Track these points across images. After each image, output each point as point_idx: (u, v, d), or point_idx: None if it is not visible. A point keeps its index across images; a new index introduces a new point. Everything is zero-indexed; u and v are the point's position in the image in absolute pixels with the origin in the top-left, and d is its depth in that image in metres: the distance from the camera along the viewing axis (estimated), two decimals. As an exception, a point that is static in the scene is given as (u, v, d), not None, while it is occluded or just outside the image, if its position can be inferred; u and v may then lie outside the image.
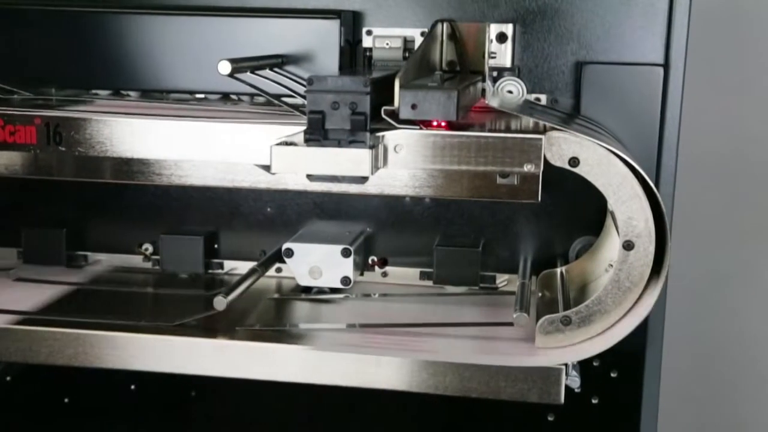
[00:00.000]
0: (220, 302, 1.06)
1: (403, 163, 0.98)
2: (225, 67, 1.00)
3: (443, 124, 0.97)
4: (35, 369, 1.12)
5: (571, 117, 1.16)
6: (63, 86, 1.25)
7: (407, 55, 1.21)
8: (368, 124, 0.93)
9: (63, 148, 1.04)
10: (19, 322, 1.09)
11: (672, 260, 0.99)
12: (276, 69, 1.15)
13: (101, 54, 1.22)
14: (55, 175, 1.31)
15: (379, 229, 1.29)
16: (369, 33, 1.22)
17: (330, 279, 1.22)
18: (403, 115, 0.92)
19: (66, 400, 1.41)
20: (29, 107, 1.08)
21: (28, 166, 1.31)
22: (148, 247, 1.34)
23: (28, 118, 1.04)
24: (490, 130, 0.98)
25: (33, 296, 1.19)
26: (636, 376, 1.25)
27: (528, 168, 0.95)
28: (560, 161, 0.97)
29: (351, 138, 0.94)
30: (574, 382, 1.01)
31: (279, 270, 1.29)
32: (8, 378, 1.39)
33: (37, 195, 1.34)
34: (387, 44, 1.21)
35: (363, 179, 0.96)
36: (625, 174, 0.97)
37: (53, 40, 1.22)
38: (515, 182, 1.18)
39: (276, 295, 1.24)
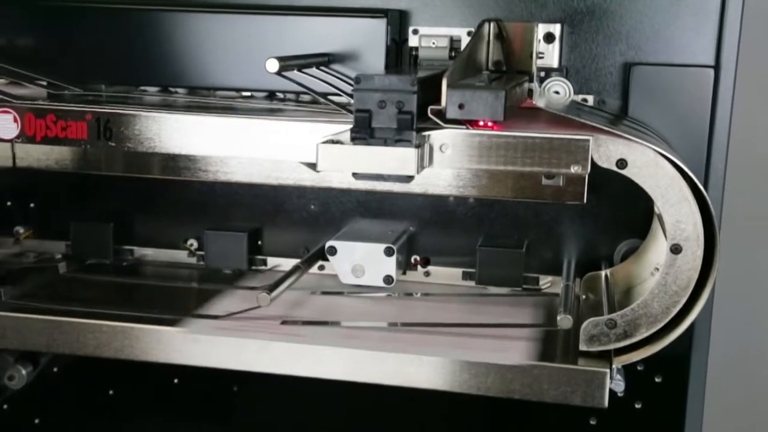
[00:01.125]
0: (264, 298, 1.06)
1: (448, 162, 0.97)
2: (273, 65, 1.01)
3: (489, 124, 0.97)
4: (82, 361, 1.14)
5: (619, 118, 1.15)
6: (112, 83, 1.26)
7: (453, 54, 1.21)
8: (414, 123, 0.93)
9: (113, 144, 1.06)
10: (67, 315, 1.11)
11: (719, 263, 0.98)
12: (322, 67, 1.15)
13: (150, 51, 1.24)
14: (103, 170, 1.33)
15: (422, 228, 1.29)
16: (415, 32, 1.22)
17: (373, 277, 1.22)
18: (449, 115, 0.92)
19: (111, 392, 1.44)
20: (80, 103, 1.09)
21: (78, 160, 1.34)
22: (192, 243, 1.35)
23: (79, 113, 1.06)
24: (536, 131, 0.97)
25: (82, 289, 1.21)
26: (681, 382, 1.23)
27: (575, 169, 0.95)
28: (607, 163, 0.96)
29: (397, 137, 0.94)
30: (619, 386, 1.00)
31: (321, 267, 1.29)
32: (55, 369, 1.41)
33: (86, 189, 1.36)
34: (433, 43, 1.21)
35: (408, 178, 0.95)
36: (673, 176, 0.95)
37: (103, 37, 1.24)
38: (560, 183, 1.17)
39: (318, 292, 1.24)
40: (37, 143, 1.06)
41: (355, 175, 0.99)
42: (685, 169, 0.95)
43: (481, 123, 0.96)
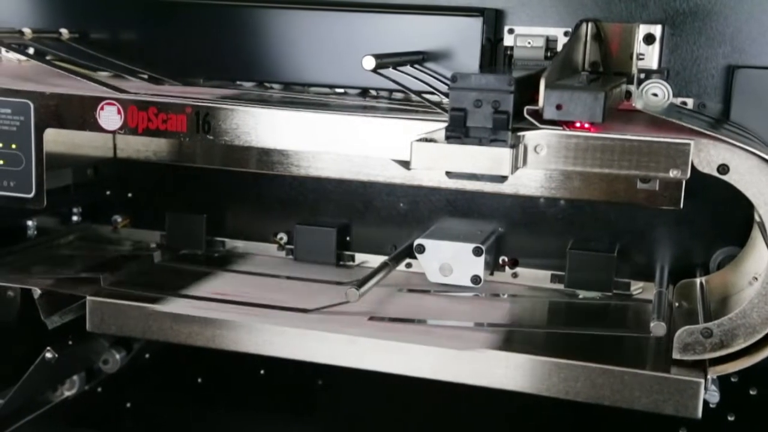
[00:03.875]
0: (353, 294, 1.07)
1: (542, 163, 0.96)
2: (369, 63, 1.02)
3: (586, 125, 0.95)
4: (173, 348, 1.16)
5: (720, 122, 1.12)
6: (210, 77, 1.29)
7: (549, 54, 1.19)
8: (510, 123, 0.93)
9: (210, 137, 1.08)
10: (161, 303, 1.14)
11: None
12: (416, 65, 1.15)
13: (247, 47, 1.26)
14: (198, 162, 1.37)
15: (511, 229, 1.28)
16: (511, 31, 1.21)
17: (460, 277, 1.22)
18: (547, 115, 0.91)
19: (199, 380, 1.47)
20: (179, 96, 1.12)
21: (175, 153, 1.38)
22: (282, 237, 1.37)
23: (179, 106, 1.08)
24: (634, 134, 0.95)
25: (175, 278, 1.24)
26: (776, 395, 1.19)
27: (674, 174, 0.92)
28: (708, 168, 0.94)
29: (492, 137, 0.93)
30: (713, 397, 0.98)
31: (409, 265, 1.30)
32: (147, 356, 1.45)
33: (181, 181, 1.39)
34: (529, 43, 1.20)
35: (502, 178, 0.95)
36: (777, 183, 0.92)
37: (202, 32, 1.27)
38: (656, 187, 1.15)
39: (405, 290, 1.24)
40: (139, 135, 1.09)
41: (448, 174, 0.98)
42: (791, 176, 0.92)
43: (578, 124, 0.95)
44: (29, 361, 1.21)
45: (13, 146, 1.14)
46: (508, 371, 1.02)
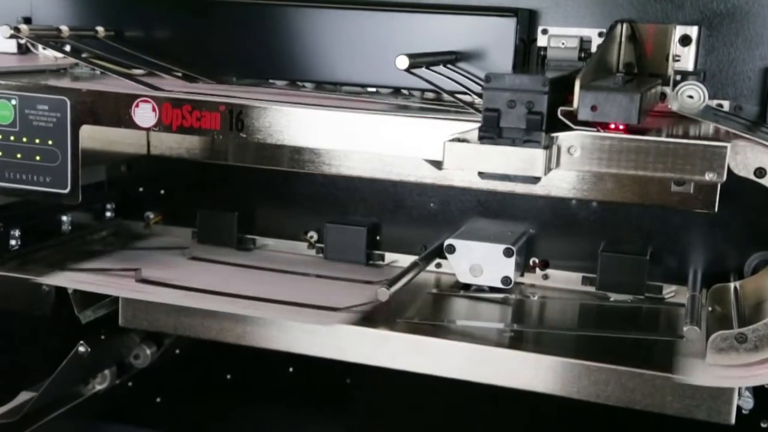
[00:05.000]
0: (383, 293, 1.07)
1: (576, 165, 0.96)
2: (403, 62, 1.02)
3: (621, 127, 0.94)
4: (202, 344, 1.17)
5: (757, 125, 1.11)
6: (242, 75, 1.30)
7: (582, 55, 1.19)
8: (544, 123, 0.92)
9: (243, 135, 1.09)
10: (192, 300, 1.15)
11: None
12: (449, 65, 1.15)
13: (279, 45, 1.27)
14: (230, 160, 1.38)
15: (542, 230, 1.28)
16: (544, 32, 1.21)
17: (490, 278, 1.21)
18: (581, 117, 0.91)
19: (228, 376, 1.48)
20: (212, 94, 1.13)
21: (207, 150, 1.39)
22: (313, 235, 1.38)
23: (213, 104, 1.09)
24: (669, 136, 0.95)
25: (206, 275, 1.25)
26: (811, 403, 1.18)
27: (710, 177, 0.91)
28: (745, 171, 0.93)
29: (525, 137, 0.93)
30: (747, 403, 0.97)
31: (439, 265, 1.29)
32: (177, 351, 1.46)
33: (213, 178, 1.40)
34: (562, 44, 1.19)
35: (535, 179, 0.94)
36: (816, 188, 0.91)
37: (235, 30, 1.28)
38: (690, 190, 1.14)
39: (435, 290, 1.24)
40: (173, 132, 1.10)
41: (481, 174, 0.98)
42: (830, 180, 0.90)
43: (612, 126, 0.94)
44: (62, 354, 1.22)
45: (50, 142, 1.15)
46: (538, 373, 1.02)
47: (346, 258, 1.33)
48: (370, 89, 1.26)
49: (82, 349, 1.22)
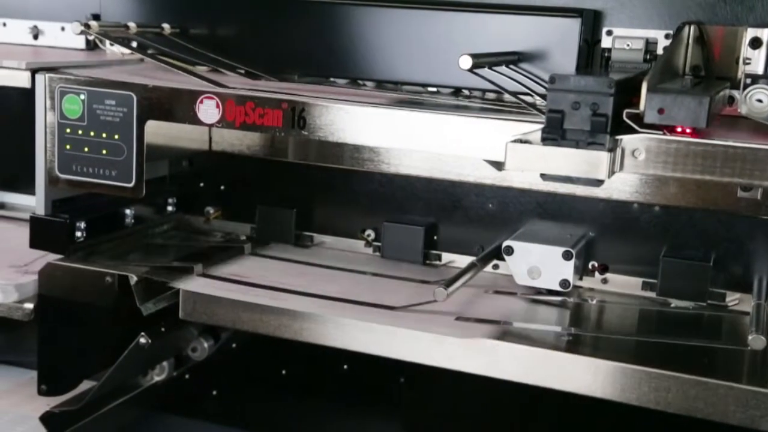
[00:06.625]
0: (441, 293, 1.07)
1: (640, 168, 0.94)
2: (466, 62, 1.01)
3: (688, 130, 0.93)
4: (258, 339, 1.18)
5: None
6: (304, 73, 1.31)
7: (648, 57, 1.17)
8: (609, 126, 0.91)
9: (305, 133, 1.10)
10: (251, 295, 1.16)
11: None
12: (511, 66, 1.15)
13: (341, 44, 1.27)
14: (291, 157, 1.39)
15: (602, 233, 1.26)
16: (609, 33, 1.19)
17: (548, 280, 1.20)
18: (648, 119, 0.89)
19: (283, 371, 1.49)
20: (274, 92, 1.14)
21: (267, 147, 1.40)
22: (370, 233, 1.38)
23: (276, 102, 1.10)
24: (738, 140, 0.93)
25: (264, 271, 1.26)
26: None
27: (779, 182, 0.89)
28: (815, 177, 0.91)
29: (590, 139, 0.92)
30: (813, 415, 0.94)
31: (496, 267, 1.29)
32: (233, 345, 1.48)
33: (272, 175, 1.41)
34: (627, 45, 1.18)
35: (598, 182, 0.93)
36: None
37: (298, 28, 1.29)
38: (757, 196, 1.12)
39: (492, 292, 1.24)
40: (236, 129, 1.11)
41: (543, 176, 0.98)
42: None
43: (679, 129, 0.93)
44: (124, 345, 1.24)
45: (116, 137, 1.18)
46: (597, 378, 1.00)
47: (403, 257, 1.33)
48: (430, 89, 1.26)
49: (143, 340, 1.24)
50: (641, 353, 1.05)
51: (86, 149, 1.19)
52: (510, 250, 1.21)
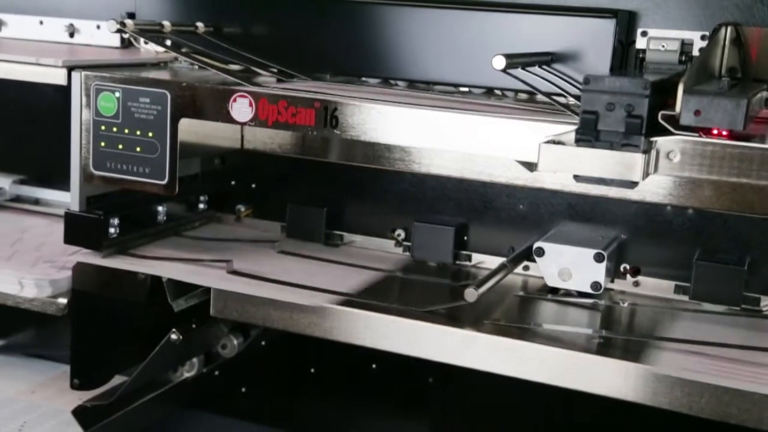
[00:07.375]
0: (471, 294, 1.06)
1: (675, 170, 0.94)
2: (499, 62, 1.01)
3: (724, 133, 0.92)
4: (288, 337, 1.19)
5: None
6: (336, 73, 1.31)
7: (683, 58, 1.16)
8: (644, 127, 0.90)
9: (337, 132, 1.10)
10: (282, 293, 1.16)
11: None
12: (544, 66, 1.14)
13: (373, 43, 1.27)
14: (322, 156, 1.39)
15: (635, 236, 1.25)
16: (644, 34, 1.18)
17: (580, 282, 1.19)
18: (683, 121, 0.88)
19: (312, 370, 1.50)
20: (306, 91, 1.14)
21: (299, 146, 1.41)
22: (400, 233, 1.38)
23: (308, 101, 1.10)
24: (774, 143, 0.92)
25: (295, 269, 1.26)
26: None
27: (817, 186, 0.88)
28: None
29: (624, 141, 0.91)
30: None
31: (527, 268, 1.28)
32: (263, 343, 1.49)
33: (304, 174, 1.42)
34: (662, 46, 1.17)
35: (632, 184, 0.93)
36: None
37: (330, 28, 1.29)
38: (794, 200, 1.10)
39: (522, 293, 1.23)
40: (269, 127, 1.12)
41: (576, 177, 0.97)
42: None
43: (715, 132, 0.92)
44: (155, 341, 1.25)
45: (150, 134, 1.19)
46: (628, 381, 0.99)
47: (433, 257, 1.33)
48: (462, 89, 1.26)
49: (174, 336, 1.25)
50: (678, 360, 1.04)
51: (120, 146, 1.21)
52: (541, 252, 1.21)
